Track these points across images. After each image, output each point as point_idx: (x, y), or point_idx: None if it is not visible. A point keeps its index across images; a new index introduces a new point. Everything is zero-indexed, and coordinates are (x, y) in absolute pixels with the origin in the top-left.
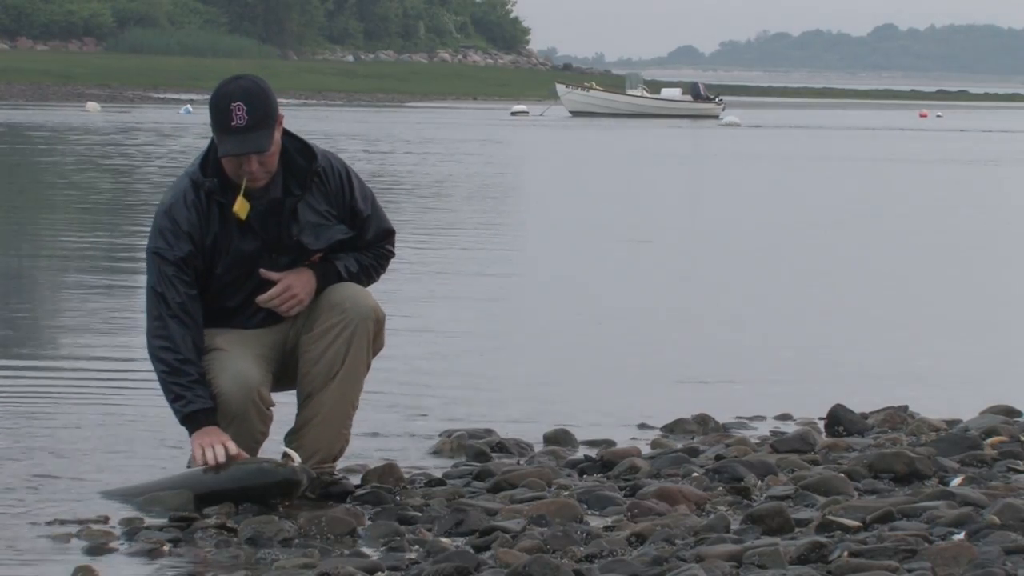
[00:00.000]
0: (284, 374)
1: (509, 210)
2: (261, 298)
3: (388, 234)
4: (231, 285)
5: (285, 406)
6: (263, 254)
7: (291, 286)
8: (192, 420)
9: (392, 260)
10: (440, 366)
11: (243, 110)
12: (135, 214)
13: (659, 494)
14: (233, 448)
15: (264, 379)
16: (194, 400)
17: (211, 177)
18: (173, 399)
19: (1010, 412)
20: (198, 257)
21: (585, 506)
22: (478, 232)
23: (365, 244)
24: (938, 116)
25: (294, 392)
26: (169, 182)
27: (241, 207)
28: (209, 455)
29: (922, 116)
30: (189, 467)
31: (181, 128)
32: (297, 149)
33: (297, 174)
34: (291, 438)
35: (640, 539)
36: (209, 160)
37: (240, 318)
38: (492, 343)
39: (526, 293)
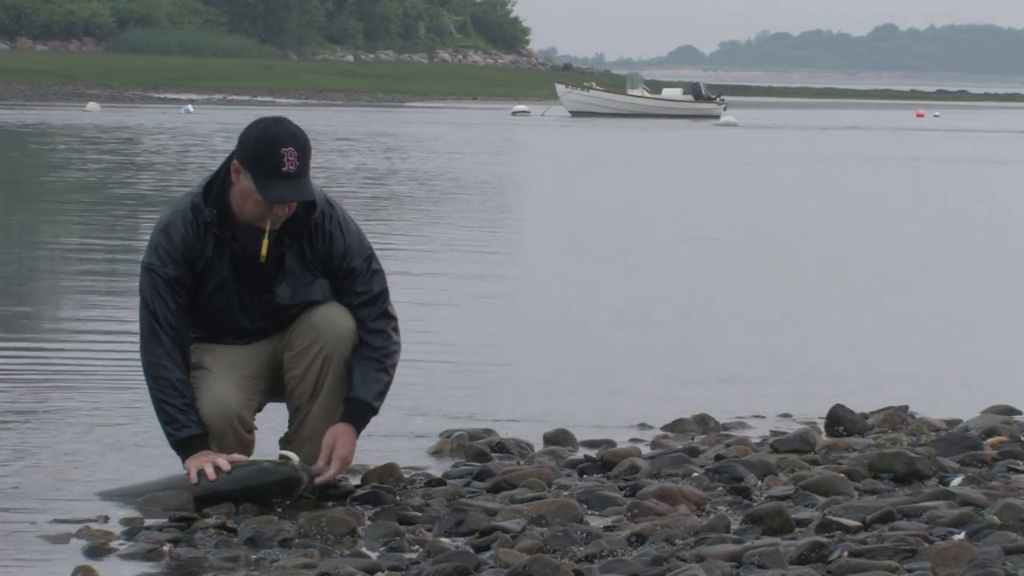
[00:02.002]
0: (278, 387)
1: (514, 208)
2: (318, 480)
3: (383, 294)
4: (219, 310)
5: (283, 408)
6: (244, 294)
7: (337, 453)
8: (185, 446)
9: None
10: (440, 366)
11: (295, 156)
12: (140, 212)
13: (659, 494)
14: (226, 466)
15: (246, 402)
16: (188, 425)
17: (212, 208)
18: (166, 421)
19: (1010, 412)
20: (189, 277)
21: (585, 506)
22: (478, 232)
23: (360, 300)
24: (935, 116)
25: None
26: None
27: (265, 248)
28: (208, 470)
29: (919, 116)
30: None
31: (185, 127)
32: None
33: (291, 224)
34: (285, 447)
35: (640, 539)
36: (213, 189)
37: (229, 337)
38: (492, 343)
39: (526, 293)
